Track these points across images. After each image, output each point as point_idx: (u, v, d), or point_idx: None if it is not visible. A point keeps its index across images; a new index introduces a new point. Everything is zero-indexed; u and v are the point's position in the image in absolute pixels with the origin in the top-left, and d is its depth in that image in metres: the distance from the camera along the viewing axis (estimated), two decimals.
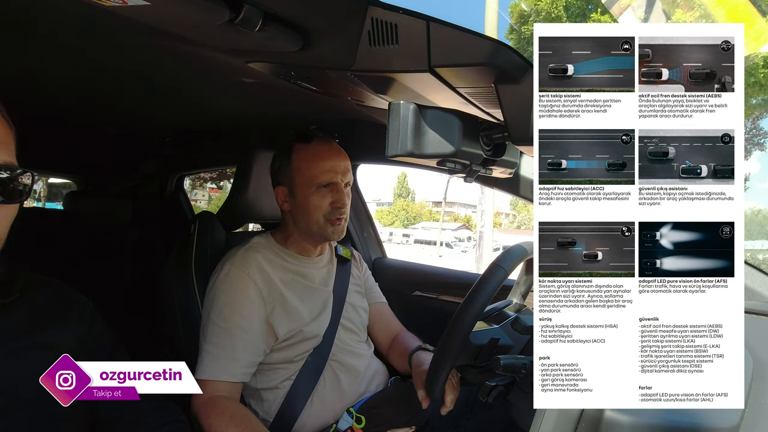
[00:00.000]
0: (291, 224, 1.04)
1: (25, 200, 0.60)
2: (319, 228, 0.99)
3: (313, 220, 0.99)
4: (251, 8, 0.54)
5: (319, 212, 0.98)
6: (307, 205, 0.98)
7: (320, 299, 1.03)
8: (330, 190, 0.99)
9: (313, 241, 1.05)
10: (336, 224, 1.00)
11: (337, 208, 0.98)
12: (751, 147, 11.22)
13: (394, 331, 1.19)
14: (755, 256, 14.79)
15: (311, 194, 0.98)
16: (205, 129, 1.51)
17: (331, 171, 0.98)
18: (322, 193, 0.98)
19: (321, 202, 0.98)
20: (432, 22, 0.56)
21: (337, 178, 0.99)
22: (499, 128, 0.71)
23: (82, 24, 0.68)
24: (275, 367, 0.97)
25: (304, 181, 0.98)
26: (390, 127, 0.62)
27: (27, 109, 1.18)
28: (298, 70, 0.78)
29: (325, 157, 0.99)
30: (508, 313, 0.94)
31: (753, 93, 6.62)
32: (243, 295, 0.93)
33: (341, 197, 0.99)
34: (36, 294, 0.67)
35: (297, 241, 1.04)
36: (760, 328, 0.78)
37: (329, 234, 1.00)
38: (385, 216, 44.74)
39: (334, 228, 1.00)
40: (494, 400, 0.79)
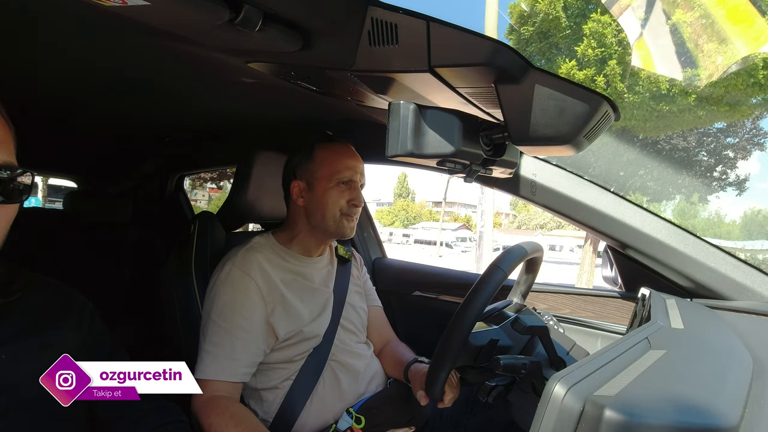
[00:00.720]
0: (301, 221, 1.04)
1: (25, 200, 0.60)
2: (334, 222, 1.01)
3: (330, 214, 1.00)
4: (251, 8, 0.54)
5: (336, 207, 1.00)
6: (325, 198, 1.00)
7: (320, 299, 1.03)
8: (348, 188, 1.02)
9: (322, 238, 1.06)
10: (351, 222, 1.02)
11: (353, 205, 1.02)
12: (751, 147, 11.19)
13: (386, 337, 1.20)
14: (755, 256, 14.77)
15: (331, 188, 1.00)
16: (205, 129, 1.51)
17: (352, 169, 1.02)
18: (341, 189, 1.01)
19: (339, 197, 1.00)
20: (432, 22, 0.56)
21: (356, 176, 1.02)
22: (499, 128, 0.71)
23: (82, 24, 0.68)
24: (275, 366, 0.97)
25: (325, 175, 1.00)
26: (390, 127, 0.62)
27: (27, 109, 1.18)
28: (298, 70, 0.78)
29: (348, 156, 1.03)
30: (508, 314, 0.94)
31: (753, 93, 6.62)
32: (243, 295, 0.93)
33: (358, 195, 1.02)
34: (36, 294, 0.67)
35: (302, 240, 1.05)
36: (760, 328, 0.78)
37: (343, 229, 1.02)
38: (385, 216, 44.78)
39: (349, 224, 1.02)
40: (494, 400, 0.79)
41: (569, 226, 6.57)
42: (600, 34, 7.05)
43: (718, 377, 0.48)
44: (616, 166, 10.27)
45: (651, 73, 6.75)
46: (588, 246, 10.34)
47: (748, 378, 0.50)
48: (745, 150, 11.17)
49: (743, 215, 21.69)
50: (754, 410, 0.42)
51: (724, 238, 17.95)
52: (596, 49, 7.08)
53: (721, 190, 11.61)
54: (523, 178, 1.07)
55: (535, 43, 7.97)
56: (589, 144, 0.62)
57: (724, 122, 9.70)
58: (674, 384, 0.43)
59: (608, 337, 1.16)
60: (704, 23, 5.80)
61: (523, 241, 0.91)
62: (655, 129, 8.20)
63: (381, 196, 55.62)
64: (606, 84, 7.18)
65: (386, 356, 1.14)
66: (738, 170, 11.35)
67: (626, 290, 1.13)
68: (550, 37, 7.78)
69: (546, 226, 36.44)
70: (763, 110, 7.91)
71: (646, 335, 0.57)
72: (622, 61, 7.03)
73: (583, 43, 7.20)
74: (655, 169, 10.60)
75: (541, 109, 0.57)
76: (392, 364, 1.11)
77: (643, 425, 0.34)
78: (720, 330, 0.70)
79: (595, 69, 7.19)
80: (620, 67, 7.05)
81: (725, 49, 5.66)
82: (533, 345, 0.88)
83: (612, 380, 0.41)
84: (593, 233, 1.07)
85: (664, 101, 7.15)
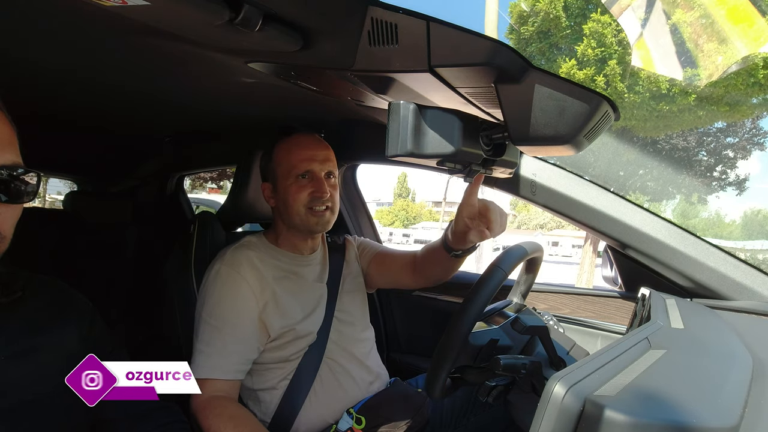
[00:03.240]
0: (279, 221, 1.03)
1: (32, 200, 0.60)
2: (301, 220, 0.98)
3: (294, 212, 0.97)
4: (251, 8, 0.54)
5: (299, 203, 0.97)
6: (287, 196, 0.97)
7: (313, 296, 1.02)
8: (309, 180, 0.98)
9: (301, 236, 1.03)
10: (319, 216, 0.98)
11: (317, 197, 0.96)
12: (751, 147, 11.19)
13: (407, 258, 1.12)
14: (755, 256, 14.77)
15: (290, 185, 0.97)
16: (205, 129, 1.51)
17: (308, 159, 0.97)
18: (301, 183, 0.97)
19: (300, 192, 0.97)
20: (432, 22, 0.56)
21: (314, 166, 0.97)
22: (499, 128, 0.70)
23: (82, 24, 0.68)
24: (271, 366, 0.97)
25: (283, 173, 0.98)
26: (390, 127, 0.62)
27: (27, 109, 1.18)
28: (298, 70, 0.78)
29: (304, 146, 0.99)
30: (508, 314, 0.94)
31: (753, 93, 6.62)
32: (233, 292, 0.92)
33: (320, 186, 0.97)
34: (36, 294, 0.67)
35: (287, 238, 1.04)
36: (760, 328, 0.78)
37: (312, 225, 0.98)
38: (385, 216, 44.77)
39: (318, 219, 0.98)
40: (494, 400, 0.79)
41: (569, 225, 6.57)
42: (600, 34, 7.06)
43: (718, 377, 0.48)
44: (616, 166, 10.28)
45: (651, 73, 6.75)
46: (588, 246, 10.34)
47: (748, 378, 0.49)
48: (745, 150, 11.17)
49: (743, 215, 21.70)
50: (753, 410, 0.42)
51: (724, 238, 17.94)
52: (596, 49, 7.08)
53: (721, 190, 11.62)
54: (523, 178, 1.07)
55: (535, 43, 7.98)
56: (589, 144, 0.62)
57: (724, 122, 9.71)
58: (674, 384, 0.43)
59: (608, 337, 1.16)
60: (704, 23, 5.80)
61: (523, 241, 0.91)
62: (655, 129, 8.20)
63: (381, 196, 55.61)
64: (606, 84, 7.18)
65: (421, 262, 1.06)
66: (738, 170, 11.37)
67: (626, 290, 1.13)
68: (550, 36, 7.79)
69: (546, 226, 36.44)
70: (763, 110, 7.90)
71: (646, 335, 0.57)
72: (622, 61, 7.04)
73: (583, 43, 7.21)
74: (655, 168, 10.61)
75: (541, 109, 0.57)
76: (431, 259, 1.03)
77: (642, 425, 0.34)
78: (720, 330, 0.70)
79: (595, 69, 7.19)
80: (620, 67, 7.05)
81: (725, 49, 5.66)
82: (533, 345, 0.88)
83: (612, 380, 0.41)
84: (593, 233, 1.07)
85: (664, 101, 7.15)
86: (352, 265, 1.14)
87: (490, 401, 0.79)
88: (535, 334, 0.82)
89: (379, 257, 1.16)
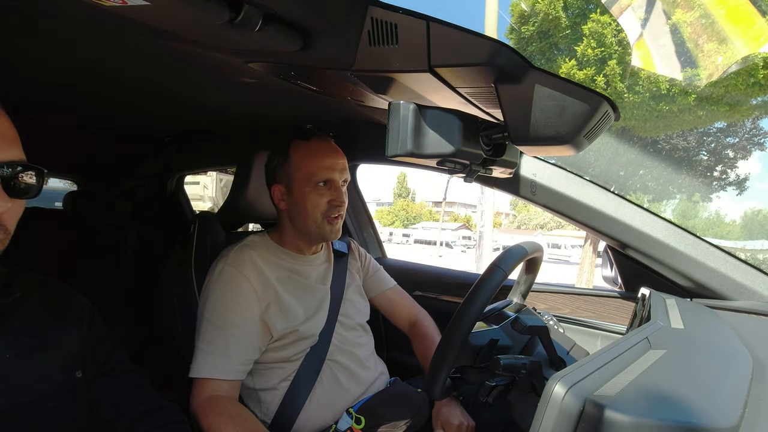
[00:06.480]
0: (287, 223, 1.03)
1: (36, 196, 0.60)
2: (316, 226, 0.98)
3: (311, 219, 0.98)
4: (251, 8, 0.54)
5: (317, 210, 0.97)
6: (304, 202, 0.97)
7: (316, 297, 1.02)
8: (328, 188, 0.98)
9: (308, 241, 1.04)
10: (333, 223, 0.99)
11: (335, 206, 0.98)
12: (751, 147, 11.18)
13: (411, 316, 1.20)
14: (755, 256, 14.76)
15: (309, 192, 0.97)
16: (206, 129, 1.51)
17: (329, 168, 0.97)
18: (320, 191, 0.97)
19: (319, 200, 0.97)
20: (432, 22, 0.56)
21: (335, 175, 0.98)
22: (499, 128, 0.70)
23: (82, 24, 0.68)
24: (272, 367, 0.97)
25: (302, 178, 0.97)
26: (390, 127, 0.62)
27: (28, 109, 1.18)
28: (298, 70, 0.78)
29: (324, 154, 0.98)
30: (508, 314, 0.94)
31: (753, 93, 6.62)
32: (236, 292, 0.92)
33: (339, 195, 0.98)
34: (36, 294, 0.67)
35: (292, 240, 1.04)
36: (760, 328, 0.78)
37: (327, 233, 0.99)
38: (385, 216, 44.77)
39: (332, 227, 0.99)
40: (494, 400, 0.79)
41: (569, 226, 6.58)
42: (600, 34, 7.05)
43: (718, 377, 0.48)
44: (616, 165, 10.27)
45: (651, 73, 6.75)
46: (588, 246, 10.34)
47: (748, 378, 0.50)
48: (745, 150, 11.16)
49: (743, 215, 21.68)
50: (753, 410, 0.42)
51: (724, 238, 17.94)
52: (596, 49, 7.08)
53: (721, 189, 11.60)
54: (523, 178, 1.07)
55: (535, 42, 7.97)
56: (589, 144, 0.62)
57: (724, 122, 9.70)
58: (674, 384, 0.43)
59: (608, 337, 1.16)
60: (704, 23, 5.80)
61: (523, 241, 0.91)
62: (655, 129, 8.19)
63: (381, 196, 55.63)
64: (606, 84, 7.18)
65: (416, 343, 1.15)
66: (738, 170, 11.34)
67: (626, 290, 1.13)
68: (550, 36, 7.78)
69: (546, 226, 36.44)
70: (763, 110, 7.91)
71: (646, 335, 0.57)
72: (622, 61, 7.03)
73: (583, 43, 7.20)
74: (655, 168, 10.60)
75: (541, 109, 0.57)
76: (422, 355, 1.11)
77: (642, 425, 0.34)
78: (720, 330, 0.70)
79: (595, 69, 7.19)
80: (620, 67, 7.05)
81: (725, 49, 5.65)
82: (533, 345, 0.88)
83: (612, 380, 0.41)
84: (593, 233, 1.06)
85: (664, 101, 7.15)
86: (355, 276, 1.15)
87: (490, 401, 0.79)
88: (535, 334, 0.82)
89: (386, 299, 1.22)
